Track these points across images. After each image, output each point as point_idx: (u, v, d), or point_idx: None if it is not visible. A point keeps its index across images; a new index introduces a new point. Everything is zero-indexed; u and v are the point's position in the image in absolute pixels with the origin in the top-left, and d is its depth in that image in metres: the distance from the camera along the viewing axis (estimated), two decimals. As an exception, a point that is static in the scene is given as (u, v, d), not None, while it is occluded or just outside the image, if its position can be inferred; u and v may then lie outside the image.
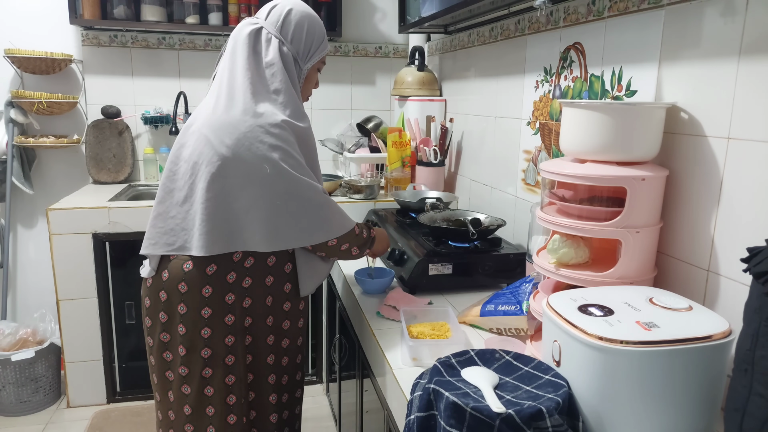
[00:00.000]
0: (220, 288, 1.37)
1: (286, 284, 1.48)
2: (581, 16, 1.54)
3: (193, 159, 1.33)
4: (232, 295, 1.39)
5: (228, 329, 1.39)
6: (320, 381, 2.69)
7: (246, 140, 1.30)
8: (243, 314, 1.42)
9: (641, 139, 1.12)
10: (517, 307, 1.35)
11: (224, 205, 1.32)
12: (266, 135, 1.31)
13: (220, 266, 1.36)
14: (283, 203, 1.33)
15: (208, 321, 1.37)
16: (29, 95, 2.57)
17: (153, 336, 1.42)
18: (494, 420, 0.84)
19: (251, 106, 1.33)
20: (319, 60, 1.47)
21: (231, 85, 1.36)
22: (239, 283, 1.39)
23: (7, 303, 2.78)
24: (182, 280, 1.36)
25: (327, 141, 2.99)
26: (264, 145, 1.31)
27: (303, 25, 1.41)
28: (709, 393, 0.88)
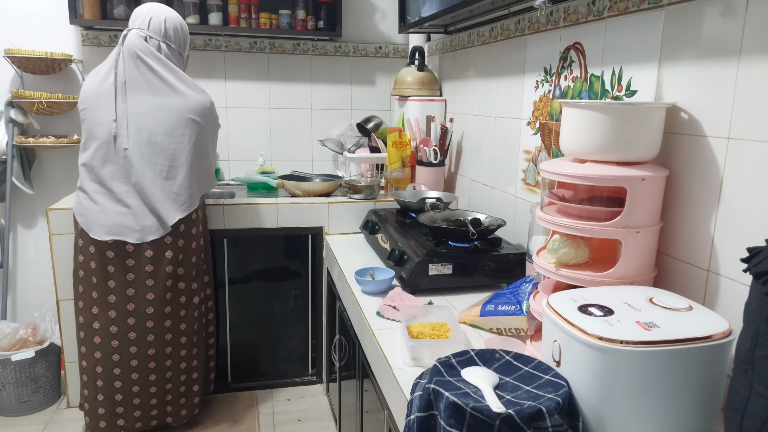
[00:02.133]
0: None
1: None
2: (581, 16, 1.54)
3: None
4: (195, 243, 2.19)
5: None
6: (320, 381, 2.69)
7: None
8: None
9: (641, 139, 1.12)
10: (517, 307, 1.35)
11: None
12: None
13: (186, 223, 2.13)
14: None
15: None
16: (29, 95, 2.57)
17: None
18: (494, 420, 0.84)
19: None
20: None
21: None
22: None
23: (7, 303, 2.78)
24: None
25: (327, 141, 2.99)
26: None
27: (176, 28, 2.04)
28: (709, 393, 0.88)
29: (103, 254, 1.96)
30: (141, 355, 2.02)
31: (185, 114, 1.93)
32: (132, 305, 1.99)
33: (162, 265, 1.99)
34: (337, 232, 2.45)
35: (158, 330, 2.03)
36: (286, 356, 2.67)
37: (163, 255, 1.99)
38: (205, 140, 2.02)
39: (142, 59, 1.89)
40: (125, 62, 1.90)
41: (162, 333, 2.04)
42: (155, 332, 2.03)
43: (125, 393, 2.05)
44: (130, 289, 1.98)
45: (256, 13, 2.78)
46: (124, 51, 1.90)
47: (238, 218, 2.38)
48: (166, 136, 1.91)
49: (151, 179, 1.92)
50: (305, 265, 2.55)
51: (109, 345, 2.00)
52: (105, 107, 1.90)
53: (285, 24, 2.82)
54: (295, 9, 2.84)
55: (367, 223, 2.30)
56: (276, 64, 2.98)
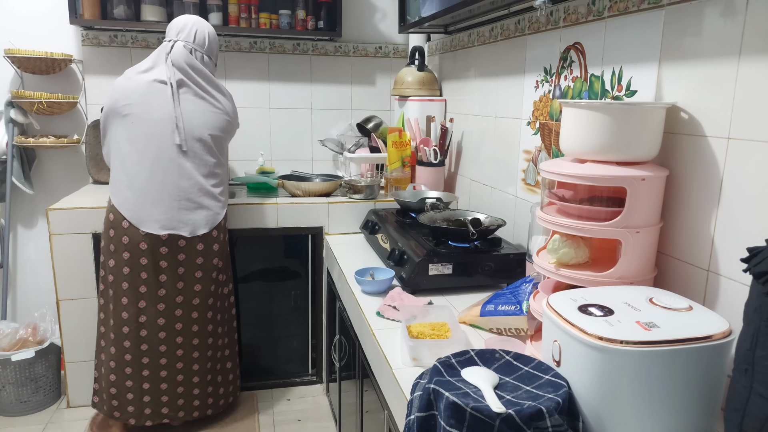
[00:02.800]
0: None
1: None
2: (581, 16, 1.54)
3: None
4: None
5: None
6: (320, 381, 2.69)
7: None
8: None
9: (641, 139, 1.12)
10: (517, 307, 1.35)
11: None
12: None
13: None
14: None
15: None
16: (29, 95, 2.57)
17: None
18: (494, 420, 0.84)
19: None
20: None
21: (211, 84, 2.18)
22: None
23: (7, 303, 2.78)
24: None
25: (327, 141, 2.99)
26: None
27: (212, 41, 2.19)
28: (709, 393, 0.88)
29: (156, 250, 2.03)
30: (187, 346, 2.13)
31: (225, 116, 2.12)
32: (181, 297, 2.09)
33: (211, 258, 2.11)
34: (337, 232, 2.45)
35: (203, 321, 2.14)
36: (286, 356, 2.67)
37: (211, 248, 2.11)
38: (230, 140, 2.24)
39: (189, 71, 2.06)
40: (172, 71, 2.03)
41: (206, 324, 2.15)
42: (200, 323, 2.13)
43: (170, 383, 2.14)
44: (180, 282, 2.08)
45: (256, 13, 2.78)
46: (172, 60, 2.04)
47: (238, 218, 2.38)
48: (212, 136, 2.07)
49: (199, 174, 2.05)
50: (305, 265, 2.55)
51: (157, 337, 2.09)
52: (157, 104, 2.00)
53: (285, 24, 2.82)
54: (295, 9, 2.84)
55: (367, 223, 2.30)
56: (276, 64, 2.98)
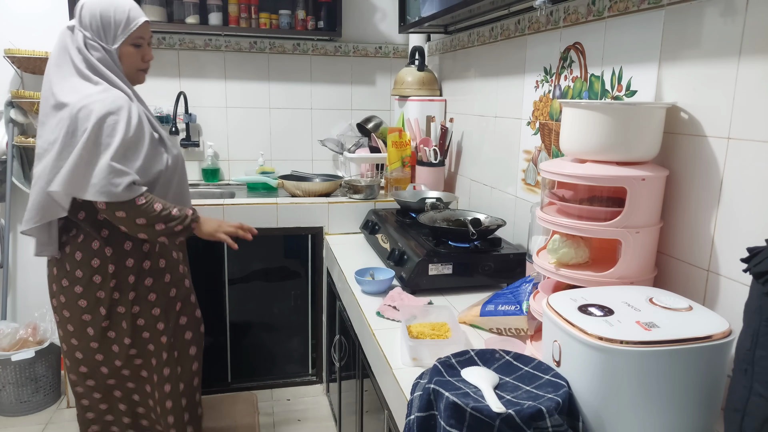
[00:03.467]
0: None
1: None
2: (581, 16, 1.54)
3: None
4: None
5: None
6: (320, 381, 2.69)
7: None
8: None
9: (641, 139, 1.12)
10: (517, 307, 1.35)
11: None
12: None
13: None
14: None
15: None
16: (29, 95, 2.57)
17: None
18: (494, 420, 0.84)
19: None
20: (128, 38, 1.61)
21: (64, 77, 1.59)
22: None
23: (7, 303, 2.78)
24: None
25: (327, 141, 2.99)
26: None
27: (96, 14, 1.57)
28: (709, 393, 0.88)
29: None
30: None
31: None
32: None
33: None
34: (337, 232, 2.45)
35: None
36: (286, 356, 2.67)
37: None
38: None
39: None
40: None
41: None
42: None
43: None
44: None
45: (256, 13, 2.78)
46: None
47: (238, 218, 2.38)
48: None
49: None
50: (305, 265, 2.55)
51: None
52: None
53: (285, 24, 2.82)
54: (295, 9, 2.84)
55: (367, 223, 2.30)
56: (276, 64, 2.98)
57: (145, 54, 1.67)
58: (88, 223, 1.62)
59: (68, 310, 1.66)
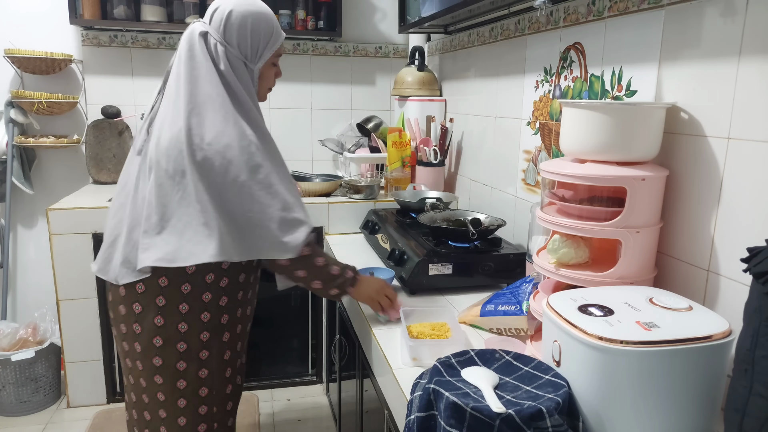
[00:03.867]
0: (198, 287, 1.38)
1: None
2: (581, 16, 1.54)
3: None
4: (209, 294, 1.39)
5: (204, 325, 1.40)
6: (320, 381, 2.69)
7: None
8: (220, 311, 1.43)
9: (641, 139, 1.12)
10: (517, 307, 1.35)
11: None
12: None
13: (198, 267, 1.35)
14: (231, 217, 1.33)
15: (185, 316, 1.38)
16: (29, 95, 2.57)
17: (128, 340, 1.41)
18: (494, 420, 0.84)
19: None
20: (271, 56, 1.40)
21: (195, 94, 1.33)
22: (217, 282, 1.41)
23: (7, 303, 2.78)
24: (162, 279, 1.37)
25: (327, 141, 2.99)
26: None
27: (246, 26, 1.33)
28: (709, 393, 0.88)
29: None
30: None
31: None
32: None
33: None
34: (337, 232, 2.45)
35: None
36: (286, 356, 2.67)
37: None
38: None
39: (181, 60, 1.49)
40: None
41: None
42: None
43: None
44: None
45: (256, 13, 2.78)
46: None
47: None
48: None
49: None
50: (305, 265, 2.55)
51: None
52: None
53: (285, 24, 2.82)
54: (295, 9, 2.84)
55: (367, 223, 2.30)
56: (276, 64, 2.98)
57: (278, 72, 1.45)
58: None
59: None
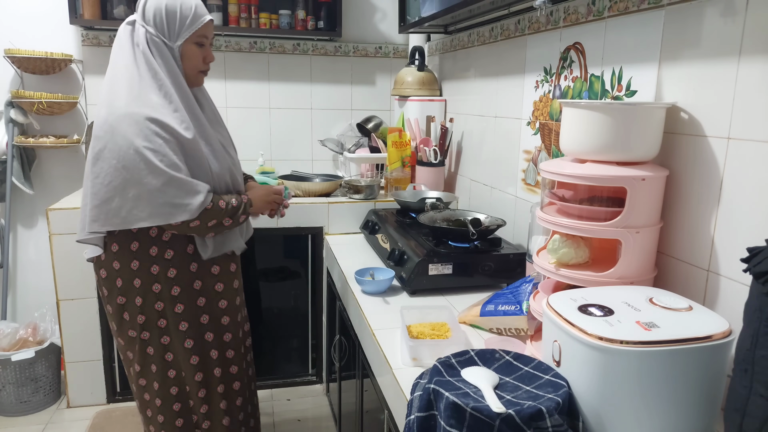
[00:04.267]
0: (145, 261, 1.55)
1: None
2: (581, 16, 1.54)
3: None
4: (156, 266, 1.55)
5: (156, 296, 1.57)
6: (320, 381, 2.69)
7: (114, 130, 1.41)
8: (170, 283, 1.57)
9: (641, 139, 1.12)
10: (517, 307, 1.35)
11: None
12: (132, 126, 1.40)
13: (141, 242, 1.54)
14: (125, 189, 1.42)
15: (139, 290, 1.56)
16: (29, 95, 2.57)
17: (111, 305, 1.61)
18: (494, 420, 0.84)
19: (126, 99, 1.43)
20: (192, 35, 1.51)
21: (114, 78, 1.47)
22: (161, 255, 1.55)
23: (7, 303, 2.78)
24: (113, 258, 1.55)
25: (327, 141, 2.99)
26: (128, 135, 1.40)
27: (161, 8, 1.47)
28: (709, 393, 0.88)
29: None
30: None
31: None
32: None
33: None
34: (337, 232, 2.45)
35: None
36: (286, 356, 2.67)
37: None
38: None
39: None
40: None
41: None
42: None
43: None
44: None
45: (256, 13, 2.78)
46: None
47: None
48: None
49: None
50: (305, 265, 2.55)
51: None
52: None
53: (285, 24, 2.82)
54: (295, 9, 2.84)
55: (367, 223, 2.30)
56: (276, 64, 2.98)
57: (207, 55, 1.57)
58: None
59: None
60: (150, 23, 1.48)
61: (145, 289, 1.56)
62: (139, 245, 1.54)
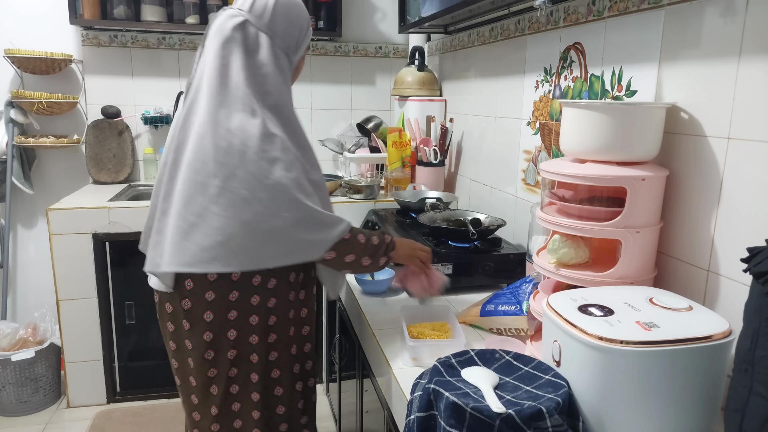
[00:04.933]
0: (246, 291, 1.31)
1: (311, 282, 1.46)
2: (581, 16, 1.54)
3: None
4: (257, 297, 1.32)
5: (252, 329, 1.33)
6: (320, 381, 2.68)
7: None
8: (267, 313, 1.35)
9: (641, 139, 1.12)
10: (517, 307, 1.35)
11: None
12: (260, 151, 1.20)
13: (244, 273, 1.29)
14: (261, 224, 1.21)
15: (234, 323, 1.31)
16: (29, 95, 2.57)
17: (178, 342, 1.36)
18: (494, 420, 0.84)
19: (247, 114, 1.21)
20: (306, 47, 1.37)
21: (225, 86, 1.22)
22: (264, 284, 1.33)
23: (7, 303, 2.78)
24: (209, 288, 1.29)
25: (327, 141, 2.99)
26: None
27: (290, 16, 1.28)
28: (709, 393, 0.88)
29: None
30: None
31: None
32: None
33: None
34: (337, 232, 2.45)
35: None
36: (286, 356, 2.66)
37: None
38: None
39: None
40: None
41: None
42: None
43: None
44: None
45: (256, 13, 2.78)
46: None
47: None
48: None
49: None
50: (305, 265, 2.55)
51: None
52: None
53: (285, 24, 2.82)
54: (295, 9, 2.84)
55: (367, 223, 2.30)
56: (276, 64, 2.98)
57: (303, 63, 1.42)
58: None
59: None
60: (278, 33, 1.27)
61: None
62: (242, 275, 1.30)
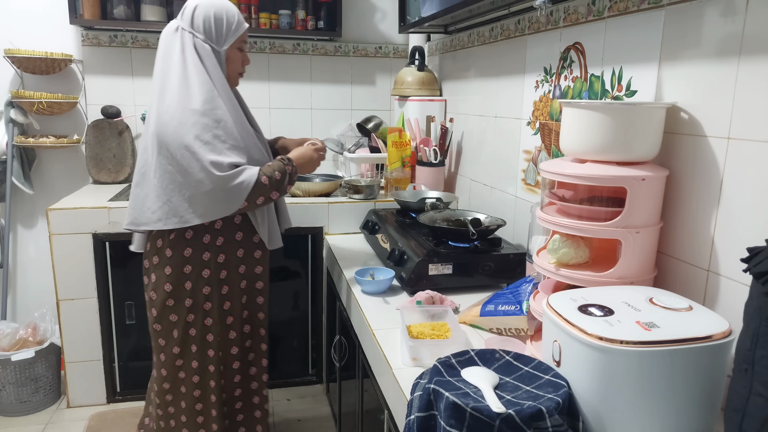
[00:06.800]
0: (198, 248, 1.66)
1: (254, 236, 1.76)
2: (581, 16, 1.54)
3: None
4: (207, 253, 1.67)
5: (205, 281, 1.68)
6: (320, 381, 2.68)
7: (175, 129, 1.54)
8: (218, 268, 1.69)
9: (641, 139, 1.12)
10: (517, 307, 1.35)
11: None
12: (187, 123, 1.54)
13: (195, 230, 1.64)
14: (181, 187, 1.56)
15: (189, 276, 1.67)
16: (29, 95, 2.57)
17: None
18: (494, 420, 0.84)
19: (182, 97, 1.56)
20: (236, 40, 1.66)
21: (165, 80, 1.59)
22: (213, 242, 1.67)
23: (7, 303, 2.78)
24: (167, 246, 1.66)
25: (327, 141, 2.98)
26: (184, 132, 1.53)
27: (210, 16, 1.61)
28: (709, 393, 0.88)
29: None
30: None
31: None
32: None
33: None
34: (337, 232, 2.45)
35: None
36: (286, 356, 2.67)
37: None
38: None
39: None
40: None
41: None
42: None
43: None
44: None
45: (256, 13, 2.78)
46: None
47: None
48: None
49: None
50: (305, 265, 2.55)
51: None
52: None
53: (285, 24, 2.82)
54: (295, 9, 2.84)
55: (367, 223, 2.30)
56: (276, 64, 2.98)
57: (245, 58, 1.73)
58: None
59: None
60: (199, 30, 1.61)
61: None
62: (194, 233, 1.66)
